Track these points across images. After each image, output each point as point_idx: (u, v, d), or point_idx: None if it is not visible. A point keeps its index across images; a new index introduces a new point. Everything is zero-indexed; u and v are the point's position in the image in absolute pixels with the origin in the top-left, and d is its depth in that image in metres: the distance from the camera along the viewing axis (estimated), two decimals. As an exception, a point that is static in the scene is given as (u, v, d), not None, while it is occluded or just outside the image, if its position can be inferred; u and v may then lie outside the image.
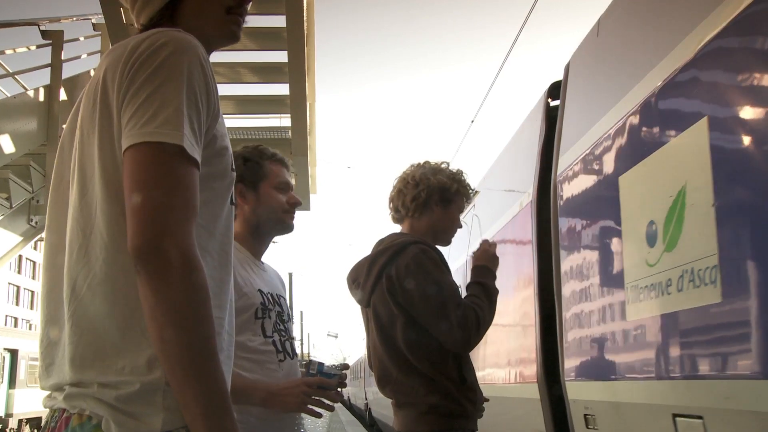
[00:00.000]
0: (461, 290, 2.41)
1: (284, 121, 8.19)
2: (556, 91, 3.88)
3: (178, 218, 1.06)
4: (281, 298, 2.16)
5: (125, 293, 1.10)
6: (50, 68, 7.32)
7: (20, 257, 48.72)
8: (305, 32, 6.51)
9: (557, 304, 3.44)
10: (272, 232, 2.18)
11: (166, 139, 1.06)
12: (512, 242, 4.41)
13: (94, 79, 1.21)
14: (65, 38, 7.48)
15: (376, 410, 17.47)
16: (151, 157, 1.06)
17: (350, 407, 29.03)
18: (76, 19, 7.87)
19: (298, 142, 7.79)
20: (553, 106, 3.93)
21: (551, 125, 3.80)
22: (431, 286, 2.28)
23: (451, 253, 3.73)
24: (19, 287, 51.07)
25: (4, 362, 19.11)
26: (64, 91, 7.32)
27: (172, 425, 1.07)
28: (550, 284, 3.54)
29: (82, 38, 8.00)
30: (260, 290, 2.05)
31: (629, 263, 2.65)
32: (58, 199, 1.25)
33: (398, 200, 2.51)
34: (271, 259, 2.30)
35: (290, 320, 2.18)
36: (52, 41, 7.37)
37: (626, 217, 2.70)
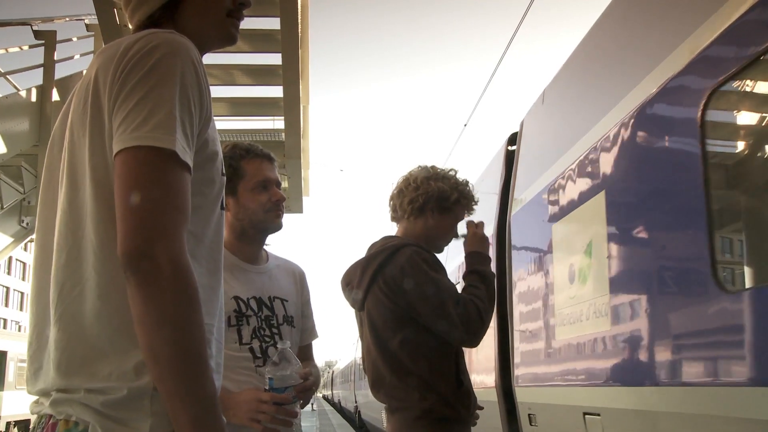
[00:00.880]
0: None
1: (278, 123, 8.19)
2: (515, 138, 4.60)
3: (169, 223, 1.04)
4: (276, 300, 2.08)
5: (114, 298, 1.08)
6: (43, 68, 7.29)
7: (10, 258, 48.41)
8: (299, 35, 6.51)
9: (509, 323, 4.14)
10: (260, 234, 2.10)
11: (157, 143, 1.04)
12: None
13: (85, 78, 1.19)
14: (58, 39, 7.45)
15: (365, 413, 17.73)
16: (142, 161, 1.04)
17: (341, 410, 29.07)
18: (69, 19, 7.84)
19: (291, 144, 7.79)
20: (511, 150, 4.66)
21: (509, 168, 4.53)
22: (429, 286, 2.26)
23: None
24: (8, 288, 50.75)
25: (-8, 364, 18.97)
26: (56, 91, 7.28)
27: (160, 430, 1.06)
28: (505, 307, 4.23)
29: (75, 39, 7.97)
30: (236, 297, 1.98)
31: (558, 295, 3.39)
32: (47, 199, 1.23)
33: (397, 200, 2.49)
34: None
35: (286, 323, 2.08)
36: (44, 41, 7.34)
37: (557, 258, 3.45)
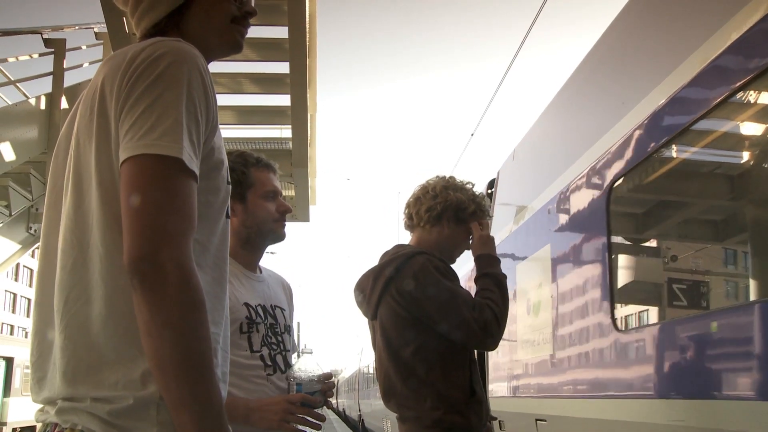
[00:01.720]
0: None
1: (285, 132, 8.20)
2: (493, 182, 5.36)
3: (175, 232, 1.04)
4: (277, 308, 2.09)
5: (120, 307, 1.08)
6: (52, 76, 7.33)
7: (18, 265, 48.63)
8: (307, 44, 6.53)
9: None
10: (264, 243, 2.10)
11: (164, 151, 1.04)
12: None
13: (91, 86, 1.19)
14: (67, 47, 7.50)
15: (369, 422, 18.13)
16: (149, 169, 1.04)
17: (345, 419, 29.11)
18: (78, 27, 7.90)
19: (298, 153, 7.79)
20: (490, 193, 5.35)
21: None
22: (444, 293, 2.25)
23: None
24: (15, 295, 50.93)
25: (-1, 370, 19.01)
26: (65, 99, 7.32)
27: None
28: None
29: (84, 47, 8.02)
30: (246, 303, 1.99)
31: (522, 323, 4.26)
32: (52, 206, 1.23)
33: (414, 208, 2.48)
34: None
35: (286, 332, 2.09)
36: (54, 49, 7.38)
37: (520, 291, 4.30)
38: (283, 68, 7.00)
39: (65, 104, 7.31)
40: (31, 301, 51.26)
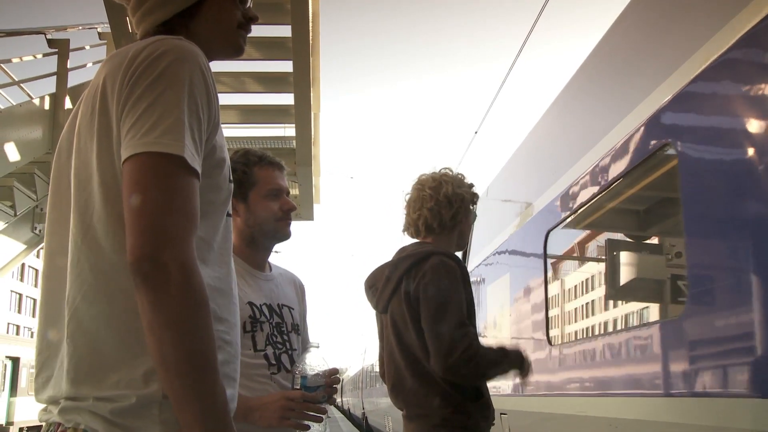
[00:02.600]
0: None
1: (288, 130, 8.21)
2: None
3: (178, 230, 1.03)
4: (284, 307, 2.07)
5: (123, 305, 1.08)
6: (56, 77, 7.35)
7: (23, 265, 48.78)
8: (310, 42, 6.53)
9: None
10: (269, 242, 2.07)
11: (166, 149, 1.04)
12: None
13: (93, 85, 1.19)
14: (71, 47, 7.51)
15: (372, 419, 18.35)
16: (151, 167, 1.04)
17: (350, 417, 29.21)
18: (82, 27, 7.91)
19: (302, 151, 7.79)
20: None
21: None
22: (441, 298, 2.24)
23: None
24: (21, 295, 51.11)
25: (5, 370, 19.10)
26: (69, 99, 7.33)
27: None
28: None
29: (87, 47, 8.04)
30: (250, 302, 1.97)
31: (488, 334, 5.12)
32: (56, 205, 1.23)
33: (434, 219, 2.41)
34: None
35: (294, 331, 2.07)
36: (58, 50, 7.40)
37: (489, 310, 5.14)
38: (286, 67, 7.01)
39: (69, 104, 7.32)
40: (36, 301, 51.49)
